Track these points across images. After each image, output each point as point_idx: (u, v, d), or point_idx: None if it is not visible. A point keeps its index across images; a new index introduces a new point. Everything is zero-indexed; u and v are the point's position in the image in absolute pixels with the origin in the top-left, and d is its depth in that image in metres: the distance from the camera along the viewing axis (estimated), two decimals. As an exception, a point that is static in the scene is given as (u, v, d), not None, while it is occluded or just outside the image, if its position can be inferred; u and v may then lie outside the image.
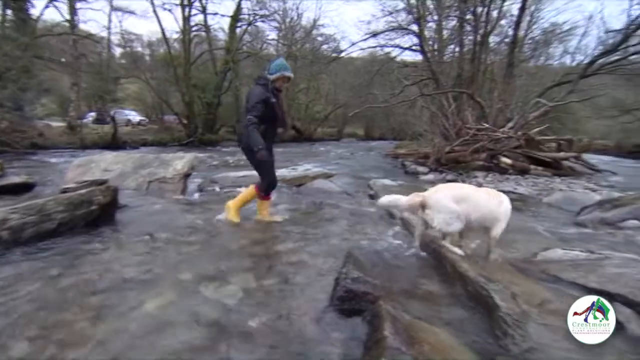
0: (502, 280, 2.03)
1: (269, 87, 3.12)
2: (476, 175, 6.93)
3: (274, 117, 3.18)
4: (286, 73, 3.15)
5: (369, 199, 4.74)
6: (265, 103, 3.06)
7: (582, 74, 9.14)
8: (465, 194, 2.36)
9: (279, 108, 3.19)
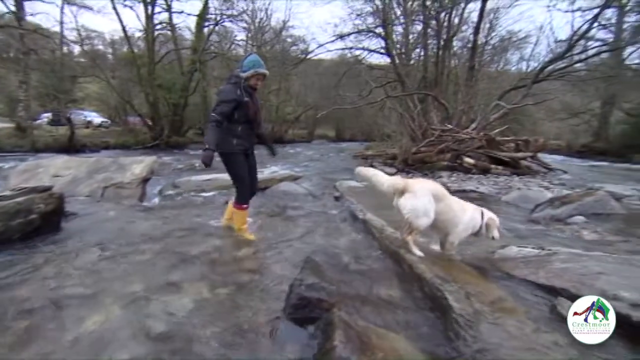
0: (459, 280, 2.07)
1: (242, 86, 2.87)
2: (441, 175, 7.13)
3: (248, 117, 2.93)
4: (260, 70, 2.88)
5: (335, 200, 4.72)
6: (237, 102, 2.82)
7: (534, 79, 9.74)
8: (442, 194, 2.40)
9: (252, 107, 2.91)
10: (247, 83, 2.89)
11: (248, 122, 2.95)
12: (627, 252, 2.79)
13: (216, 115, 2.77)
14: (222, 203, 4.82)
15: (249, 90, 2.91)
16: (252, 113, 2.91)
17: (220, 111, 2.78)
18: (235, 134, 2.89)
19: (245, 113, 2.88)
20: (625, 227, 3.50)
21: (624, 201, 4.85)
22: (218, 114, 2.78)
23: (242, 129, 2.92)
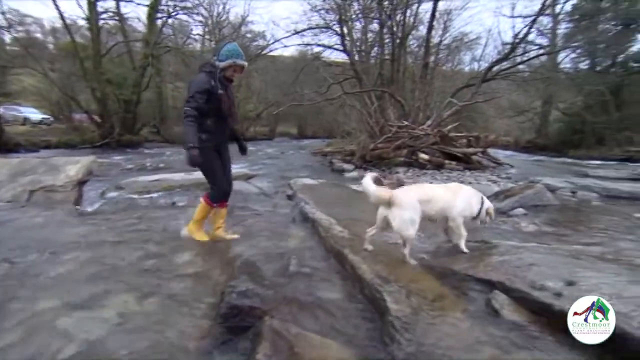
0: (403, 278, 2.05)
1: (217, 76, 2.58)
2: (398, 171, 7.27)
3: (221, 111, 2.64)
4: (239, 61, 2.59)
5: (287, 199, 4.61)
6: (210, 94, 2.55)
7: (482, 79, 10.30)
8: (429, 194, 2.42)
9: (226, 101, 2.62)
10: (223, 74, 2.62)
11: (220, 116, 2.67)
12: (557, 241, 2.96)
13: (191, 109, 2.50)
14: (169, 205, 4.56)
15: (224, 81, 2.63)
16: (225, 107, 2.63)
17: (195, 105, 2.51)
18: (205, 128, 2.60)
19: (218, 106, 2.60)
20: (558, 217, 3.74)
21: (558, 193, 5.22)
22: (193, 108, 2.50)
23: (213, 123, 2.65)
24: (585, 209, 4.29)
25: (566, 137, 17.91)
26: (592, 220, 3.69)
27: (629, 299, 1.47)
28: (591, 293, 1.59)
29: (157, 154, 13.92)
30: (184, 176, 6.27)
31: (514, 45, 10.02)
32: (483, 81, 10.23)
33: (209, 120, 2.62)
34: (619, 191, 5.19)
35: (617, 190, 5.22)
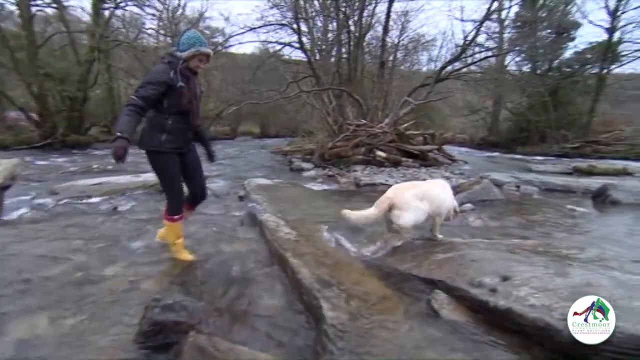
0: (346, 281, 1.99)
1: (178, 68, 2.26)
2: (356, 169, 7.31)
3: (180, 106, 2.30)
4: (202, 49, 2.30)
5: (239, 200, 4.44)
6: (168, 87, 2.22)
7: (436, 79, 10.71)
8: (424, 191, 2.50)
9: (186, 94, 2.28)
10: (187, 64, 2.31)
11: (181, 114, 2.33)
12: (500, 235, 3.07)
13: (136, 98, 2.16)
14: (109, 211, 4.20)
15: (186, 73, 2.31)
16: (185, 101, 2.30)
17: (143, 94, 2.16)
18: (164, 127, 2.29)
19: (178, 102, 2.28)
20: (503, 211, 3.92)
21: (504, 187, 5.51)
22: (139, 97, 2.16)
23: (174, 122, 2.32)
24: (527, 203, 4.54)
25: (514, 135, 19.16)
26: (532, 213, 3.91)
27: (552, 292, 1.52)
28: (521, 287, 1.63)
29: (108, 156, 12.95)
30: (131, 179, 5.85)
31: (463, 47, 10.53)
32: (437, 81, 10.63)
33: (170, 119, 2.29)
34: (555, 185, 5.58)
35: (553, 184, 5.61)
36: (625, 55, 17.36)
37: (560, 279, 1.61)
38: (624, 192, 4.69)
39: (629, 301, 1.39)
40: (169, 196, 2.45)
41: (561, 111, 17.56)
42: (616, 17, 16.89)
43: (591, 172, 8.10)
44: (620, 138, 15.68)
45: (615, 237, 3.20)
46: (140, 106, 2.16)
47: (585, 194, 5.17)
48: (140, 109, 2.16)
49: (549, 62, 18.42)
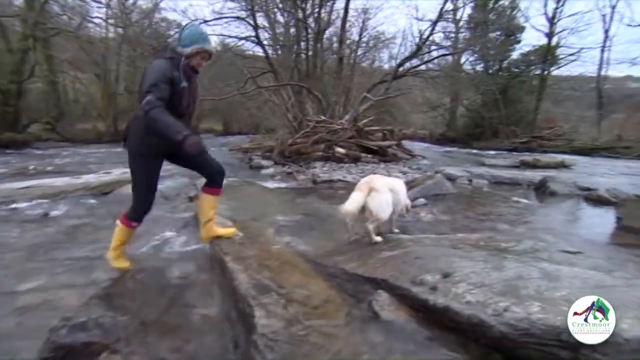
0: (288, 283, 1.89)
1: (180, 65, 2.07)
2: (315, 166, 7.24)
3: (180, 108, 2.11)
4: (207, 46, 2.16)
5: (188, 201, 4.20)
6: (172, 86, 2.03)
7: (393, 76, 10.93)
8: (393, 183, 2.65)
9: (186, 97, 2.12)
10: (188, 62, 2.11)
11: (176, 115, 2.08)
12: (451, 229, 3.13)
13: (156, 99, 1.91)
14: (38, 217, 3.78)
15: (188, 72, 2.12)
16: (185, 104, 2.13)
17: (161, 95, 1.94)
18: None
19: (177, 104, 2.09)
20: (453, 205, 4.02)
21: (457, 181, 5.70)
22: (159, 98, 1.93)
23: None
24: (477, 196, 4.71)
25: (470, 131, 20.16)
26: (481, 206, 4.05)
27: (488, 287, 1.52)
28: (460, 284, 1.61)
29: (50, 155, 11.91)
30: (69, 181, 5.35)
31: (419, 45, 10.83)
32: (394, 78, 10.84)
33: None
34: (503, 178, 5.87)
35: (502, 177, 5.90)
36: (562, 58, 18.89)
37: (496, 274, 1.62)
38: (560, 184, 5.02)
39: (553, 292, 1.41)
40: (137, 200, 2.24)
41: (510, 109, 18.72)
42: (554, 23, 18.31)
43: (535, 165, 8.67)
44: (559, 134, 17.02)
45: (550, 227, 3.39)
46: (163, 107, 1.93)
47: (529, 186, 5.48)
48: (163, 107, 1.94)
49: (499, 63, 19.56)
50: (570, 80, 21.55)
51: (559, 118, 20.53)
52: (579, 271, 1.57)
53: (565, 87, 21.23)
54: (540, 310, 1.30)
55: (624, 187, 5.49)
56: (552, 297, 1.37)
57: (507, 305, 1.36)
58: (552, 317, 1.26)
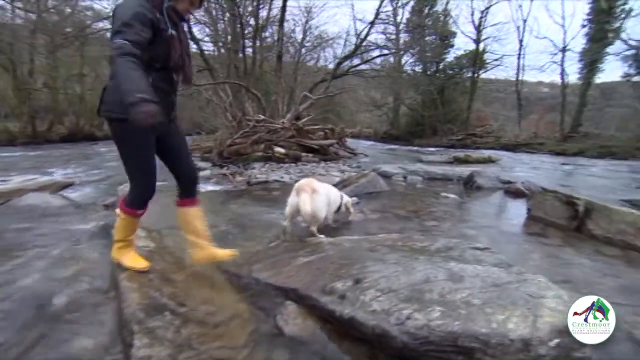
0: (194, 299, 1.68)
1: (164, 8, 1.63)
2: (254, 167, 6.98)
3: (168, 61, 1.68)
4: None
5: (104, 209, 3.74)
6: (154, 30, 1.57)
7: (332, 75, 11.02)
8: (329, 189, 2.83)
9: (177, 46, 1.70)
10: (174, 4, 1.67)
11: (165, 70, 1.70)
12: (379, 228, 3.11)
13: (128, 43, 1.43)
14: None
15: (174, 18, 1.68)
16: (177, 56, 1.70)
17: (134, 38, 1.45)
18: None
19: (165, 54, 1.65)
20: (386, 203, 4.05)
21: (393, 178, 5.83)
22: (132, 41, 1.44)
23: (156, 81, 1.64)
24: (410, 193, 4.82)
25: (412, 129, 21.16)
26: (411, 203, 4.13)
27: (394, 293, 1.45)
28: (368, 291, 1.52)
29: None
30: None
31: (357, 45, 11.03)
32: (334, 77, 10.91)
33: (150, 76, 1.58)
34: (436, 173, 6.13)
35: (435, 173, 6.16)
36: (488, 63, 20.70)
37: (404, 278, 1.56)
38: (485, 178, 5.35)
39: (454, 294, 1.38)
40: (136, 182, 1.84)
41: (447, 108, 20.01)
42: (480, 30, 19.94)
43: (467, 160, 9.26)
44: (489, 131, 18.57)
45: (472, 220, 3.54)
46: (136, 54, 1.44)
47: (459, 181, 5.77)
48: (135, 57, 1.44)
49: (436, 65, 20.81)
50: (496, 83, 23.70)
51: (489, 117, 22.47)
52: (482, 270, 1.57)
53: (493, 89, 23.30)
54: (441, 315, 1.25)
55: (536, 179, 6.04)
56: (453, 300, 1.33)
57: (409, 313, 1.30)
58: (450, 322, 1.21)
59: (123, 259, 1.92)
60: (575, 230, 3.31)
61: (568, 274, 2.29)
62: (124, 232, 1.93)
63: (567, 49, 18.37)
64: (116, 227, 1.95)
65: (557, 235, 3.23)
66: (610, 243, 2.99)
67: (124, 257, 1.92)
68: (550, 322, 1.13)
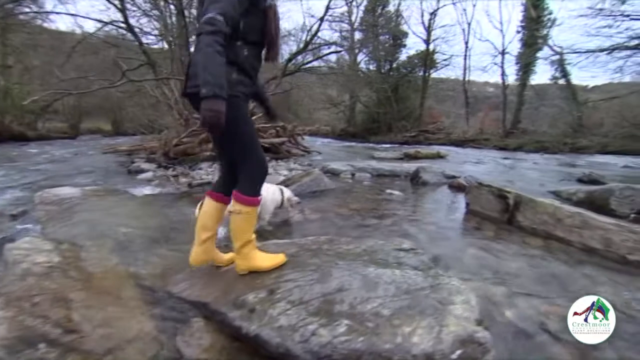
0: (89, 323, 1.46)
1: None
2: (201, 167, 6.63)
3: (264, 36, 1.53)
4: None
5: (9, 220, 3.31)
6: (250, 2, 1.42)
7: (283, 72, 10.86)
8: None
9: (273, 20, 1.52)
10: None
11: (257, 46, 1.55)
12: (321, 228, 3.02)
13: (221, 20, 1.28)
14: None
15: None
16: (273, 29, 1.53)
17: (231, 14, 1.31)
18: (237, 59, 1.45)
19: (261, 27, 1.51)
20: (330, 202, 3.98)
21: (341, 176, 5.81)
22: (221, 16, 1.27)
23: (250, 55, 1.51)
24: (355, 191, 4.80)
25: (368, 126, 21.60)
26: (355, 201, 4.10)
27: (304, 305, 1.34)
28: (279, 303, 1.40)
29: None
30: None
31: (306, 42, 10.97)
32: (284, 74, 10.75)
33: (245, 48, 1.48)
34: (384, 170, 6.21)
35: (383, 169, 6.23)
36: (438, 63, 21.70)
37: (318, 287, 1.46)
38: (430, 173, 5.50)
39: (365, 304, 1.31)
40: (249, 164, 1.59)
41: (401, 105, 20.66)
42: (430, 31, 20.82)
43: (416, 156, 9.56)
44: (441, 128, 19.47)
45: (412, 217, 3.58)
46: (224, 33, 1.29)
47: (406, 177, 5.89)
48: (224, 38, 1.29)
49: (390, 63, 21.41)
50: (447, 82, 24.89)
51: (441, 114, 23.51)
52: (399, 275, 1.51)
53: (445, 87, 24.43)
54: (346, 330, 1.16)
55: (479, 173, 6.34)
56: (363, 312, 1.25)
57: (315, 328, 1.19)
58: (355, 338, 1.13)
59: (257, 262, 1.66)
60: (507, 222, 3.45)
61: (494, 267, 2.35)
62: (248, 230, 1.66)
63: (506, 51, 19.75)
64: (235, 229, 1.65)
65: (491, 228, 3.35)
66: (535, 234, 3.15)
67: (257, 261, 1.66)
68: (454, 331, 1.08)
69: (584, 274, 2.30)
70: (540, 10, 16.91)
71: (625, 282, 2.20)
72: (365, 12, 19.68)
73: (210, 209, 1.76)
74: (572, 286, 2.06)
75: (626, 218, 3.64)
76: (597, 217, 2.92)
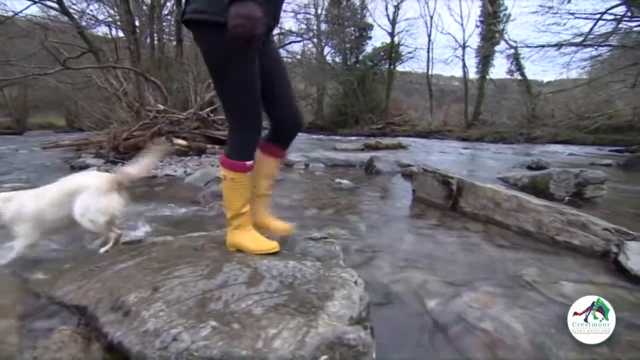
0: None
1: None
2: (149, 162, 6.23)
3: None
4: None
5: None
6: None
7: None
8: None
9: None
10: None
11: None
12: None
13: None
14: None
15: None
16: None
17: None
18: None
19: None
20: (273, 193, 3.80)
21: (294, 167, 5.67)
22: None
23: None
24: (304, 181, 4.68)
25: (335, 119, 21.59)
26: (301, 192, 3.98)
27: (179, 304, 1.17)
28: (156, 303, 1.23)
29: None
30: None
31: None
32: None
33: None
34: (339, 160, 6.14)
35: (337, 159, 6.16)
36: (403, 55, 22.00)
37: (202, 283, 1.30)
38: (384, 163, 5.48)
39: (239, 302, 1.15)
40: (238, 121, 1.37)
41: (367, 97, 20.79)
42: (394, 24, 21.03)
43: (377, 147, 9.58)
44: (407, 120, 19.80)
45: (355, 206, 3.50)
46: None
47: (361, 167, 5.84)
48: None
49: (356, 56, 21.43)
50: (414, 75, 25.29)
51: (408, 107, 23.89)
52: (291, 266, 1.34)
53: (411, 80, 24.84)
54: (210, 333, 1.01)
55: (436, 162, 6.42)
56: (234, 311, 1.11)
57: (178, 332, 1.04)
58: (214, 343, 0.97)
59: (244, 241, 1.48)
60: (451, 209, 3.45)
61: (432, 255, 2.28)
62: (236, 199, 1.45)
63: (466, 45, 20.32)
64: (224, 197, 1.49)
65: (435, 215, 3.32)
66: (476, 219, 3.16)
67: (244, 239, 1.49)
68: (322, 333, 0.94)
69: (516, 257, 2.29)
70: (497, 6, 17.54)
71: (551, 262, 2.22)
72: (330, 3, 19.52)
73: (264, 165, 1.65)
74: (501, 271, 2.03)
75: (562, 201, 3.77)
76: (531, 200, 2.95)
